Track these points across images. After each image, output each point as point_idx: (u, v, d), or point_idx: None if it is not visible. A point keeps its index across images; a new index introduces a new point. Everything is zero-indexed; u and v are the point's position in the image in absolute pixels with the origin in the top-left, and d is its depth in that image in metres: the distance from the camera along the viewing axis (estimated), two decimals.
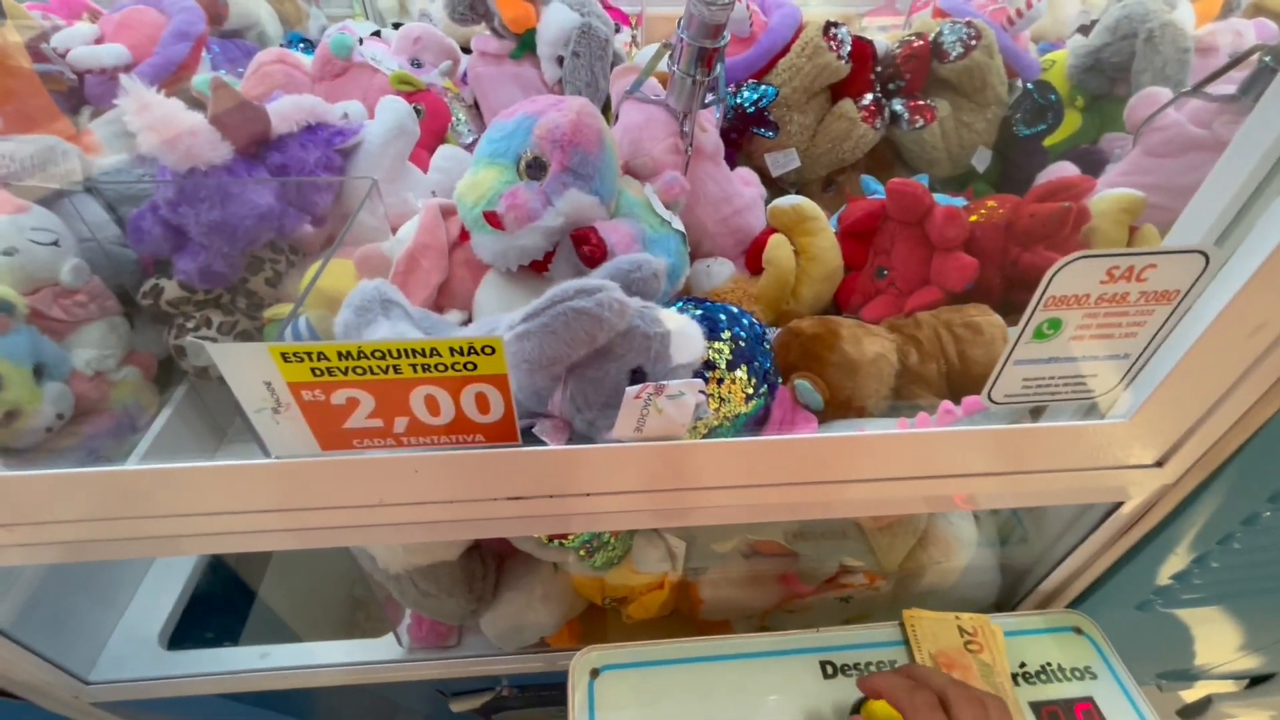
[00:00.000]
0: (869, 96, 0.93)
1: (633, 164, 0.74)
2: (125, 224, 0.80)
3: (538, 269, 0.67)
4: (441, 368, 0.39)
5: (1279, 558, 0.66)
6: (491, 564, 0.73)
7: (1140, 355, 0.43)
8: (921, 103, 0.94)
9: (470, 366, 0.39)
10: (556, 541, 0.61)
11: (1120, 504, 0.58)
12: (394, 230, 0.78)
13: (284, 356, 0.38)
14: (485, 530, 0.52)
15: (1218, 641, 0.86)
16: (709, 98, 0.74)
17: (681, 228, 0.73)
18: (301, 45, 1.14)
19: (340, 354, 0.38)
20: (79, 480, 0.47)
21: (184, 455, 0.85)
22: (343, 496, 0.46)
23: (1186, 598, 0.70)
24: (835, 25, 0.90)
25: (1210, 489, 0.54)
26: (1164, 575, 0.67)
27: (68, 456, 0.73)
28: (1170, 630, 0.79)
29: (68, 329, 0.73)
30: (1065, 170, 0.94)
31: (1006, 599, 0.79)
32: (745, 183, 0.86)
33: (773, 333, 0.72)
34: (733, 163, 0.97)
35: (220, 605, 0.94)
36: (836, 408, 0.65)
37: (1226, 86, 0.79)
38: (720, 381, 0.55)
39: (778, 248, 0.74)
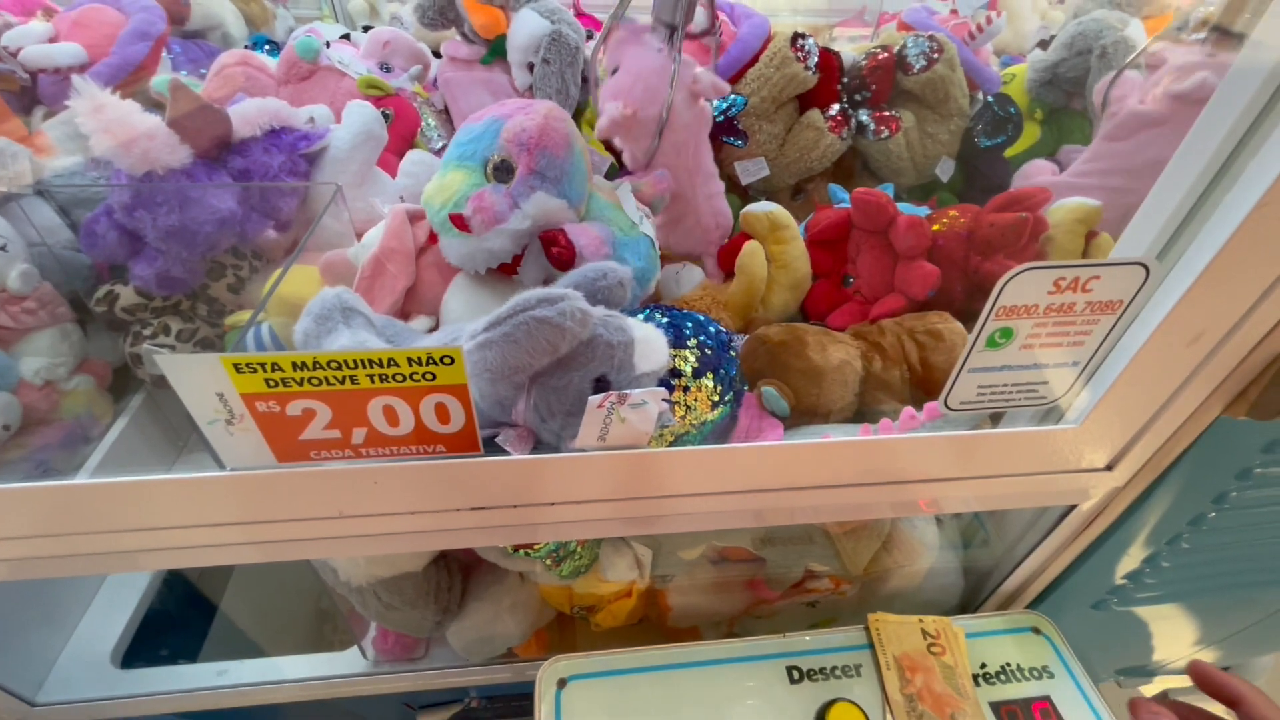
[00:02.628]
0: (836, 107, 0.94)
1: (645, 114, 0.71)
2: (78, 228, 0.78)
3: (506, 271, 0.66)
4: (400, 378, 0.39)
5: (1226, 556, 0.69)
6: (457, 574, 0.72)
7: (1088, 362, 0.45)
8: (887, 113, 0.96)
9: (429, 377, 0.39)
10: (522, 551, 0.61)
11: (1074, 506, 0.60)
12: (360, 235, 0.77)
13: (237, 367, 0.37)
14: (448, 541, 0.52)
15: (1173, 638, 0.88)
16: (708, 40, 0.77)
17: (652, 231, 0.74)
18: (267, 47, 1.12)
19: (295, 364, 0.37)
20: (25, 495, 0.45)
21: (139, 466, 0.83)
22: (300, 509, 0.45)
23: (1141, 596, 0.73)
24: (803, 36, 0.91)
25: (1158, 491, 0.56)
26: (1118, 575, 0.69)
27: (15, 470, 0.70)
28: (1127, 628, 0.81)
29: (15, 336, 0.70)
30: (1041, 169, 0.97)
31: (970, 601, 0.80)
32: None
33: (740, 339, 0.72)
34: None
35: (178, 621, 0.91)
36: (802, 414, 0.66)
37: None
38: (686, 389, 0.55)
39: (752, 255, 0.75)
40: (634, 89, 0.71)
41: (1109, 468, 0.53)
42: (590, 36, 1.42)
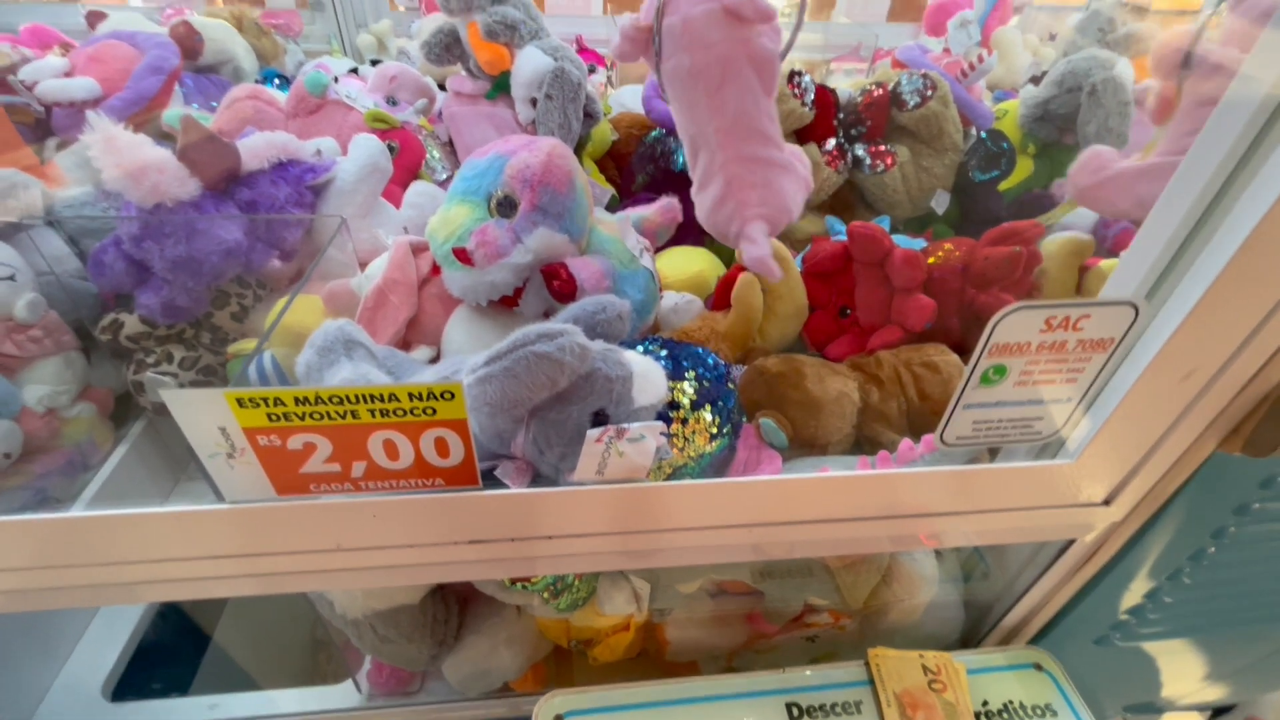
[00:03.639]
0: (832, 141, 0.96)
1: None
2: (86, 257, 0.79)
3: (508, 304, 0.67)
4: (400, 413, 0.39)
5: (1230, 592, 0.68)
6: (454, 607, 0.72)
7: (1082, 398, 0.45)
8: (882, 148, 0.98)
9: (430, 411, 0.39)
10: (520, 584, 0.61)
11: (1074, 540, 0.60)
12: (364, 265, 0.78)
13: (239, 402, 0.37)
14: (446, 574, 0.51)
15: (1180, 674, 0.87)
16: None
17: (652, 264, 0.75)
18: (277, 81, 1.15)
19: (297, 399, 0.38)
20: (23, 528, 0.45)
21: (138, 494, 0.83)
22: (299, 542, 0.45)
23: (1145, 632, 0.72)
24: (799, 74, 0.94)
25: (1157, 526, 0.56)
26: (1120, 610, 0.68)
27: (14, 497, 0.70)
28: (1133, 664, 0.80)
29: (20, 364, 0.71)
30: (1106, 159, 0.92)
31: (971, 635, 0.79)
32: (794, 156, 0.69)
33: (738, 370, 0.73)
34: None
35: (171, 653, 0.90)
36: (801, 444, 0.66)
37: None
38: (684, 422, 0.55)
39: (747, 287, 0.76)
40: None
41: (1106, 502, 0.53)
42: (592, 71, 1.46)
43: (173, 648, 0.91)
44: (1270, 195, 0.39)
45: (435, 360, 0.71)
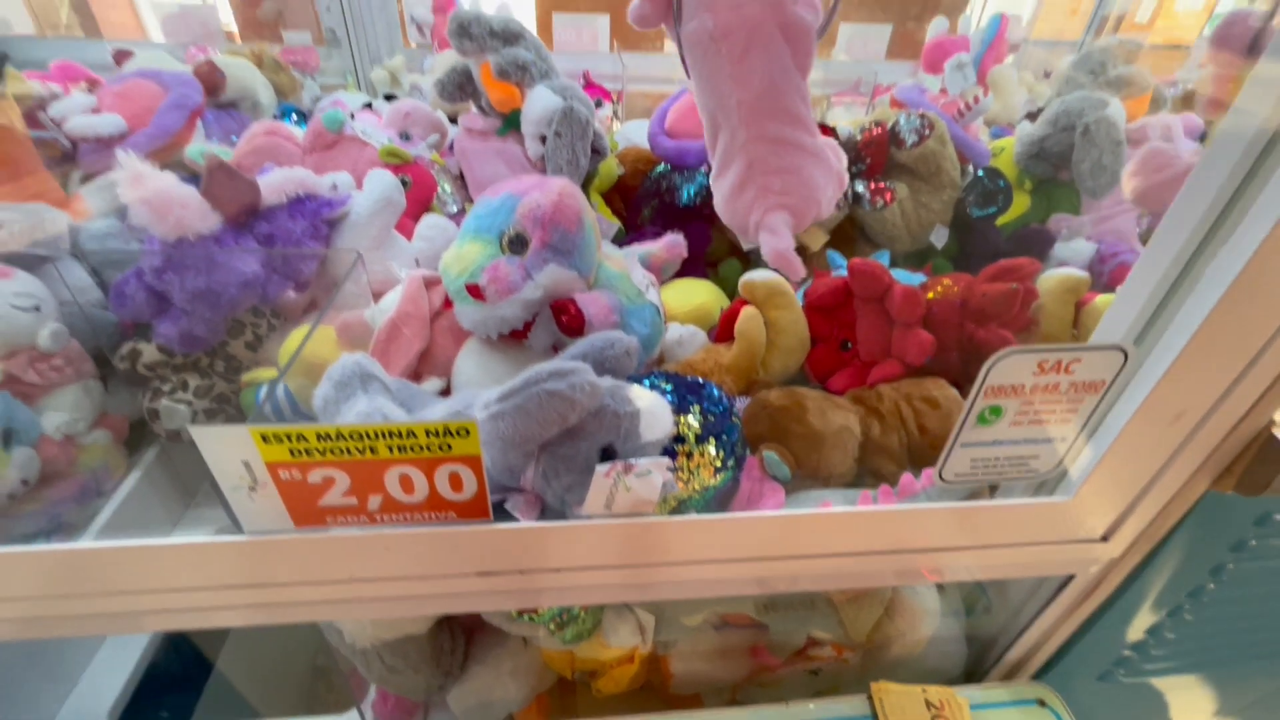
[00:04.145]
0: None
1: None
2: (108, 288, 0.82)
3: (517, 337, 0.69)
4: (417, 448, 0.41)
5: (1232, 628, 0.69)
6: (460, 637, 0.72)
7: (1076, 438, 0.46)
8: (882, 185, 1.00)
9: (445, 447, 0.41)
10: (526, 616, 0.61)
11: (1074, 576, 0.60)
12: (377, 298, 0.81)
13: (264, 438, 0.39)
14: (455, 605, 0.52)
15: (1186, 710, 0.86)
16: None
17: (658, 299, 0.77)
18: (294, 117, 1.19)
19: (319, 435, 0.39)
20: (38, 558, 0.47)
21: (149, 520, 0.84)
22: (314, 573, 0.47)
23: (1148, 668, 0.72)
24: None
25: (1155, 563, 0.57)
26: (1122, 646, 0.69)
27: (29, 523, 0.72)
28: (1137, 700, 0.80)
29: (41, 392, 0.72)
30: (1166, 157, 0.95)
31: (974, 669, 0.79)
32: (825, 161, 0.64)
33: (741, 402, 0.74)
34: (706, 239, 1.02)
35: (177, 680, 0.90)
36: (803, 478, 0.67)
37: None
38: (689, 455, 0.57)
39: (749, 320, 0.77)
40: None
41: (1105, 538, 0.54)
42: (599, 105, 1.50)
43: (180, 676, 0.91)
44: (1254, 240, 0.41)
45: (446, 391, 0.72)
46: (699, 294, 0.92)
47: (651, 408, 0.50)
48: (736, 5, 0.52)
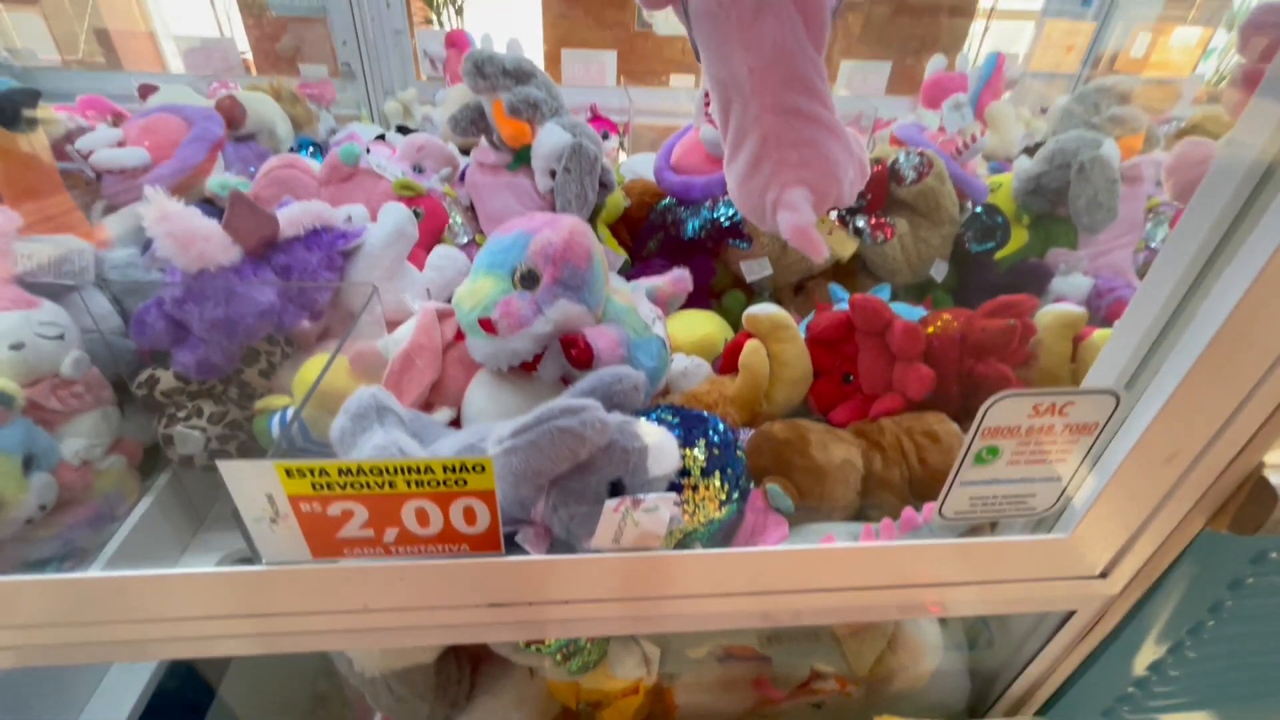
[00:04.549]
0: (834, 213, 1.01)
1: None
2: (128, 315, 0.84)
3: (527, 369, 0.71)
4: (434, 483, 0.42)
5: (1235, 664, 0.69)
6: (466, 667, 0.72)
7: (1072, 478, 0.48)
8: (883, 220, 1.03)
9: (461, 482, 0.42)
10: (533, 646, 0.62)
11: (1075, 612, 0.61)
12: (389, 325, 0.83)
13: (288, 472, 0.40)
14: (466, 636, 0.53)
15: None
16: None
17: (664, 332, 0.79)
18: (311, 150, 1.23)
19: (341, 470, 0.41)
20: (54, 586, 0.48)
21: (160, 545, 0.85)
22: (328, 603, 0.48)
23: (1152, 704, 0.72)
24: None
25: (1155, 600, 0.58)
26: (1126, 682, 0.69)
27: (44, 547, 0.73)
28: None
29: (60, 419, 0.74)
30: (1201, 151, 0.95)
31: (978, 704, 0.79)
32: (845, 141, 0.57)
33: (745, 434, 0.75)
34: (710, 271, 1.04)
35: (182, 706, 0.90)
36: (806, 510, 0.69)
37: None
38: (695, 488, 0.58)
39: (753, 353, 0.79)
40: None
41: (1103, 575, 0.55)
42: (605, 137, 1.54)
43: (185, 702, 0.91)
44: (1239, 288, 0.42)
45: (456, 421, 0.74)
46: (703, 325, 0.93)
47: (659, 443, 0.51)
48: (733, 4, 0.50)
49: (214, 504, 0.95)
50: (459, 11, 2.40)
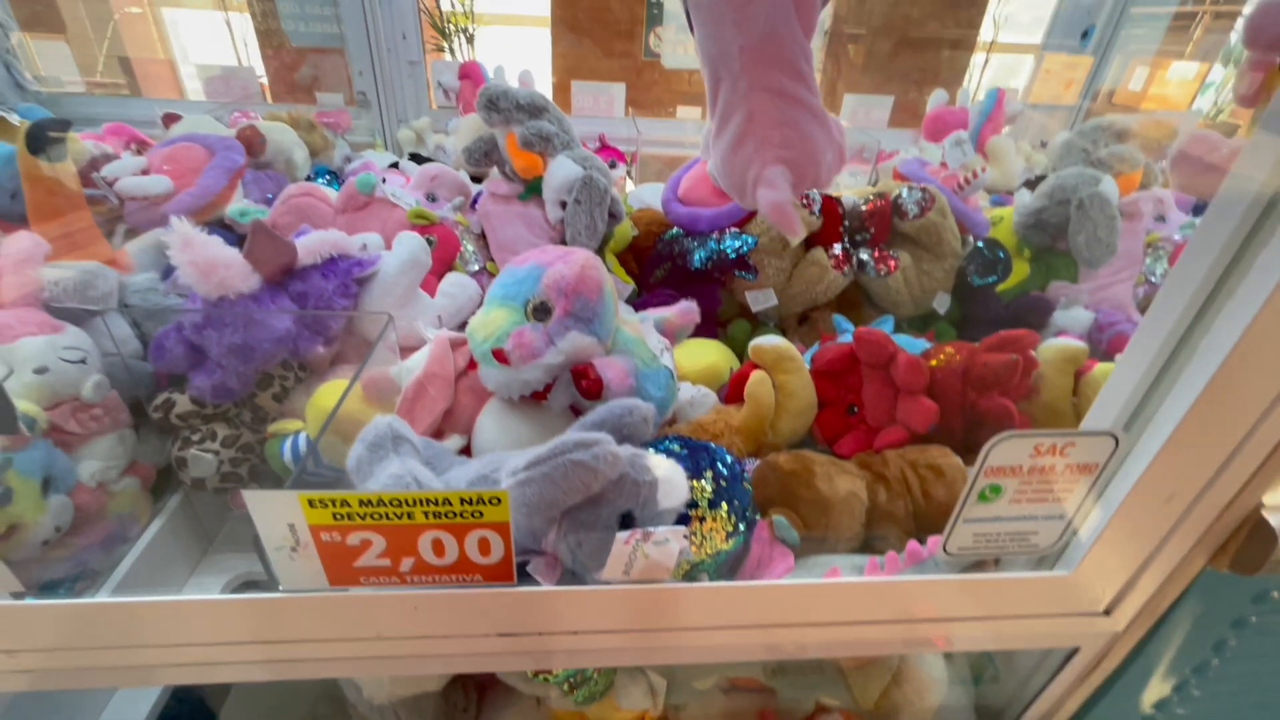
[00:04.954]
0: (838, 246, 1.04)
1: None
2: (146, 339, 0.86)
3: (537, 398, 0.72)
4: (451, 515, 0.43)
5: (1241, 703, 0.69)
6: (473, 695, 0.73)
7: (1074, 516, 0.49)
8: (886, 253, 1.05)
9: (477, 514, 0.43)
10: (541, 676, 0.62)
11: (1079, 648, 0.61)
12: (401, 352, 0.84)
13: (310, 502, 0.41)
14: (476, 665, 0.54)
15: None
16: None
17: (671, 364, 0.80)
18: (326, 177, 1.26)
19: (361, 501, 0.42)
20: (70, 611, 0.49)
21: (170, 566, 0.85)
22: (342, 630, 0.48)
23: None
24: None
25: (1158, 636, 0.58)
26: None
27: (57, 568, 0.74)
28: None
29: (80, 441, 0.75)
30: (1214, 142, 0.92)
31: None
32: (826, 126, 0.61)
33: (750, 463, 0.76)
34: (716, 300, 1.06)
35: None
36: (811, 542, 0.69)
37: None
38: (702, 520, 0.59)
39: (759, 384, 0.80)
40: None
41: (1107, 612, 0.55)
42: (613, 166, 1.58)
43: None
44: (1238, 328, 0.43)
45: (465, 449, 0.75)
46: (709, 354, 0.95)
47: (669, 476, 0.52)
48: None
49: (223, 527, 0.96)
50: (470, 40, 2.47)
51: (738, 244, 0.99)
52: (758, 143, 0.56)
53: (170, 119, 1.21)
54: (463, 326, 0.98)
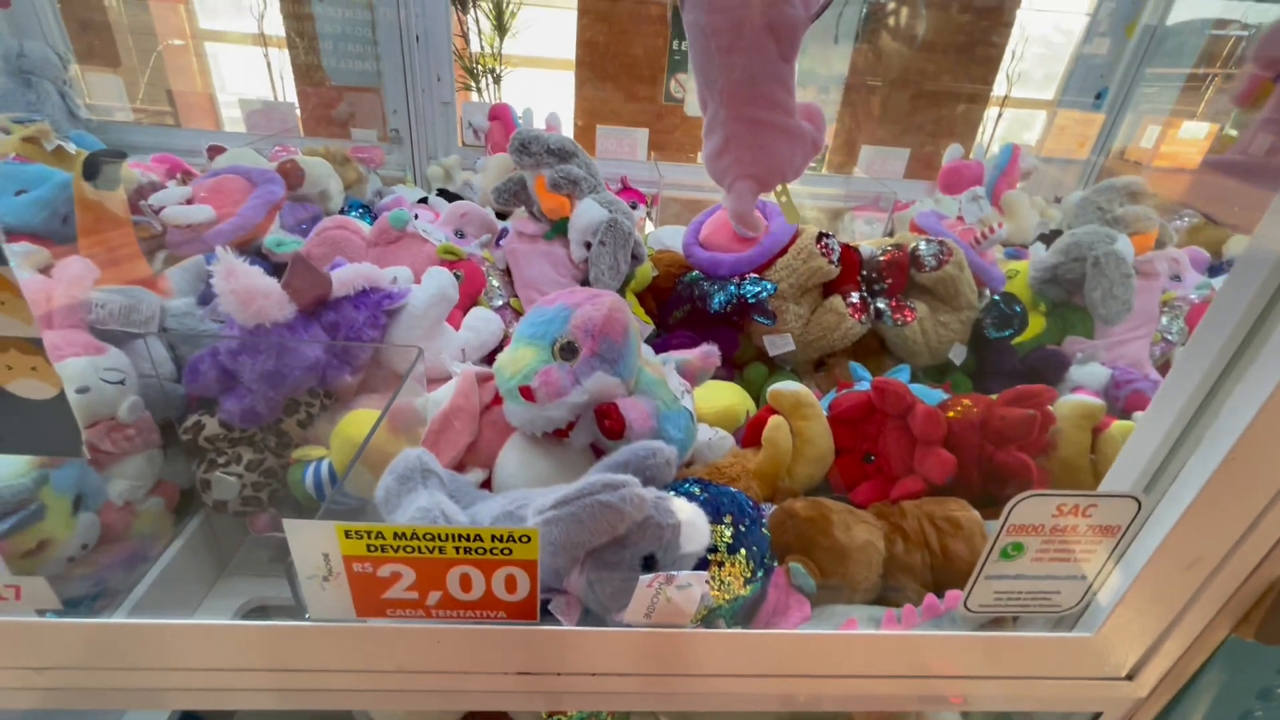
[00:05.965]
0: (856, 295, 1.05)
1: None
2: (181, 363, 0.88)
3: (560, 435, 0.74)
4: (481, 551, 0.44)
5: None
6: None
7: (1096, 577, 0.49)
8: (903, 304, 1.07)
9: (506, 551, 0.44)
10: (556, 717, 0.62)
11: (1101, 714, 0.60)
12: (427, 384, 0.86)
13: (346, 533, 0.43)
14: (493, 703, 0.54)
15: None
16: None
17: (692, 405, 0.81)
18: (359, 211, 1.30)
19: (395, 534, 0.43)
20: (83, 630, 0.49)
21: (186, 587, 0.86)
22: (363, 662, 0.49)
23: None
24: (827, 235, 1.05)
25: (1182, 704, 0.57)
26: None
27: (78, 585, 0.74)
28: None
29: (110, 461, 0.77)
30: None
31: None
32: (809, 115, 0.74)
33: (767, 508, 0.77)
34: (734, 343, 1.08)
35: None
36: (827, 590, 0.69)
37: None
38: (721, 565, 0.59)
39: (777, 429, 0.81)
40: None
41: (1130, 677, 0.54)
42: (635, 207, 1.62)
43: None
44: (1261, 396, 0.44)
45: (486, 483, 0.76)
46: (726, 396, 0.96)
47: (692, 520, 0.53)
48: (726, 8, 0.60)
49: (238, 550, 0.96)
50: (497, 81, 2.57)
51: (757, 289, 1.01)
52: (733, 160, 0.70)
53: (215, 150, 1.26)
54: (486, 360, 1.00)
